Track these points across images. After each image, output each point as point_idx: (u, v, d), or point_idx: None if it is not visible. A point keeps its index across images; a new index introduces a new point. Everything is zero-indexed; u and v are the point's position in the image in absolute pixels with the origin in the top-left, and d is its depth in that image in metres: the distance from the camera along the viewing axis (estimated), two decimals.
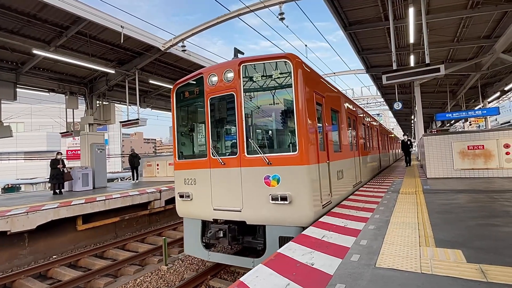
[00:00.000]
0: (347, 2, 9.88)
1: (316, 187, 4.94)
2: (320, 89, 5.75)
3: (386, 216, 4.82)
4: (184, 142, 6.47)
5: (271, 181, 4.81)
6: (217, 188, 5.44)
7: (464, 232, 3.73)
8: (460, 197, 6.14)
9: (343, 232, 4.06)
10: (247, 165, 5.09)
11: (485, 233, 3.63)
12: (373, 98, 34.11)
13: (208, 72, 5.70)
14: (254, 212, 4.98)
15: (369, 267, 2.78)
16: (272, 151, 5.07)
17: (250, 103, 5.25)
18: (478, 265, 2.66)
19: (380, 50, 13.87)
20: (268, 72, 5.09)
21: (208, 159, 5.57)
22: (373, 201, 6.26)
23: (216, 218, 5.49)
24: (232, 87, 5.31)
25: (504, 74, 17.61)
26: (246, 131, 5.16)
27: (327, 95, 6.25)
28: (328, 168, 5.68)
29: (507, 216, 4.33)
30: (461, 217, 4.47)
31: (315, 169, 4.97)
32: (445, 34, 11.99)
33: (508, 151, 9.11)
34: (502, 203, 5.32)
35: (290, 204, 4.66)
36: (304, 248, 3.46)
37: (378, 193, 7.44)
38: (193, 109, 6.35)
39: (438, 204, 5.61)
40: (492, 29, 11.57)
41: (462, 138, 9.82)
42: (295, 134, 4.77)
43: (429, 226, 4.08)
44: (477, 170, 9.48)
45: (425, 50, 8.95)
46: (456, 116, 20.89)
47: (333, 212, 5.43)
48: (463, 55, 14.39)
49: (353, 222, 4.58)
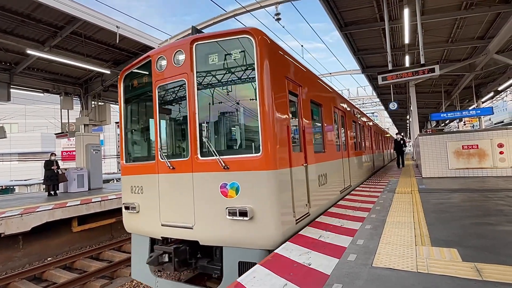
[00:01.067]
0: (342, 3, 9.93)
1: (286, 198, 3.98)
2: (295, 76, 4.82)
3: (382, 215, 4.85)
4: (133, 142, 5.47)
5: (229, 190, 3.85)
6: (165, 199, 4.42)
7: (459, 231, 3.77)
8: (455, 197, 6.20)
9: (340, 232, 4.07)
10: (200, 170, 4.10)
11: (480, 232, 3.67)
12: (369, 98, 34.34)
13: (156, 55, 4.69)
14: (208, 229, 4.01)
15: (366, 266, 2.80)
16: (232, 152, 4.13)
17: (205, 92, 4.29)
18: (474, 263, 2.68)
19: (376, 51, 13.95)
20: (228, 53, 4.11)
21: (156, 163, 4.54)
22: (370, 201, 6.29)
23: (165, 236, 4.46)
24: (183, 72, 4.32)
25: (497, 75, 17.83)
26: (200, 127, 4.18)
27: (306, 84, 5.30)
28: (305, 173, 4.74)
29: (501, 215, 4.38)
30: (456, 216, 4.51)
31: (286, 175, 4.01)
32: (439, 34, 12.10)
33: (502, 151, 9.22)
34: (496, 202, 5.37)
35: (251, 220, 3.69)
36: (301, 248, 3.47)
37: (374, 192, 7.48)
38: (143, 101, 5.22)
39: (434, 203, 5.66)
40: (486, 30, 11.71)
41: (457, 138, 9.91)
42: (259, 131, 3.82)
43: (424, 225, 4.11)
44: (471, 170, 9.58)
45: (420, 50, 9.03)
46: (451, 116, 21.08)
47: (329, 211, 5.45)
48: (457, 55, 14.53)
49: (349, 221, 4.60)
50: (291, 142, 4.27)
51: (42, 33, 10.50)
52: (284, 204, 3.90)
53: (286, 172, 4.05)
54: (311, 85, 5.70)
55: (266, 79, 3.85)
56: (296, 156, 4.49)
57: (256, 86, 3.85)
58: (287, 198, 4.01)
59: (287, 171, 4.10)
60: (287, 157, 4.14)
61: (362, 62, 15.85)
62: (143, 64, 5.01)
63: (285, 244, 3.65)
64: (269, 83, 3.86)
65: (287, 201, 4.01)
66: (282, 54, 4.52)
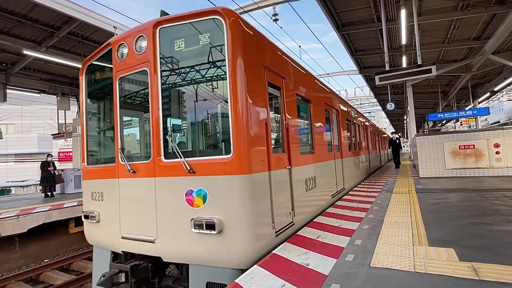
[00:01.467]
0: (340, 3, 9.96)
1: (264, 207, 3.43)
2: (278, 67, 4.28)
3: (380, 215, 4.86)
4: (95, 141, 4.87)
5: (195, 198, 3.32)
6: (126, 207, 3.86)
7: (456, 230, 3.78)
8: (452, 196, 6.23)
9: (338, 232, 4.08)
10: (164, 174, 3.56)
11: (477, 231, 3.69)
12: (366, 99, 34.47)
13: (117, 42, 4.12)
14: (172, 244, 3.45)
15: (364, 266, 2.80)
16: (199, 153, 3.64)
17: (170, 83, 3.75)
18: (470, 263, 2.70)
19: (373, 51, 14.02)
20: (196, 37, 3.52)
21: (116, 165, 3.98)
22: (367, 201, 6.30)
23: (126, 250, 3.87)
24: (145, 60, 3.78)
25: (493, 75, 17.96)
26: (163, 124, 3.64)
27: (291, 77, 4.75)
28: (289, 176, 4.23)
29: (498, 215, 4.41)
30: (453, 216, 4.54)
31: (263, 179, 3.46)
32: (436, 35, 12.18)
33: (498, 151, 9.28)
34: (492, 201, 5.41)
35: (219, 235, 3.14)
36: (299, 248, 3.47)
37: (372, 193, 7.50)
38: (106, 95, 4.54)
39: (431, 203, 5.68)
40: (482, 31, 11.79)
41: (454, 138, 9.97)
42: (229, 128, 3.25)
43: (422, 225, 4.13)
44: (468, 170, 9.63)
45: (417, 51, 9.08)
46: (448, 116, 21.21)
47: (327, 212, 5.45)
48: (454, 56, 14.62)
49: (347, 222, 4.61)
50: (270, 141, 3.76)
51: (38, 33, 10.46)
52: (260, 214, 3.34)
53: (263, 177, 3.49)
54: (298, 79, 5.12)
55: (239, 68, 3.27)
56: (277, 158, 3.96)
57: (227, 76, 3.28)
58: (265, 207, 3.46)
59: (265, 175, 3.54)
60: (265, 159, 3.58)
61: (360, 63, 15.92)
62: (105, 53, 4.39)
63: (284, 244, 3.65)
64: (243, 72, 3.29)
65: (264, 211, 3.45)
66: (260, 40, 3.91)
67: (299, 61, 5.85)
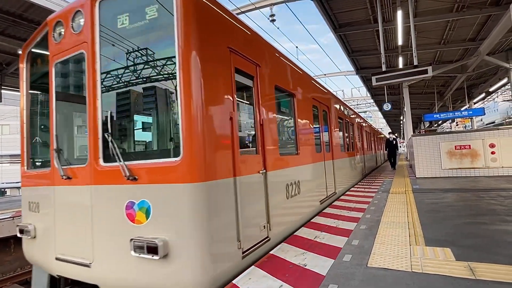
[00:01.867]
0: (337, 4, 10.00)
1: (225, 222, 2.78)
2: (250, 52, 3.57)
3: (377, 216, 4.88)
4: (35, 141, 4.08)
5: (137, 212, 2.63)
6: (61, 222, 3.14)
7: (453, 230, 3.80)
8: (448, 196, 6.27)
9: (335, 232, 4.08)
10: (102, 181, 2.88)
11: (473, 231, 3.71)
12: (363, 99, 34.63)
13: (53, 20, 3.48)
14: (110, 270, 2.76)
15: (361, 267, 2.81)
16: (145, 155, 3.01)
17: (111, 69, 3.03)
18: (467, 263, 2.71)
19: (370, 52, 14.09)
20: (143, 11, 2.84)
21: (51, 170, 3.31)
22: (364, 201, 6.32)
23: (60, 274, 3.13)
24: (82, 41, 3.09)
25: (488, 76, 18.12)
26: (103, 120, 2.93)
27: (269, 65, 4.03)
28: (264, 182, 3.56)
29: (494, 214, 4.44)
30: (449, 216, 4.56)
31: (225, 188, 2.81)
32: (432, 36, 12.26)
33: (493, 151, 9.36)
34: (488, 201, 5.45)
35: (164, 260, 2.47)
36: (297, 249, 3.47)
37: (369, 193, 7.53)
38: (46, 85, 3.59)
39: (427, 203, 5.71)
40: (477, 32, 11.89)
41: (450, 138, 10.04)
42: (178, 124, 2.58)
43: (418, 225, 4.15)
44: (464, 170, 9.70)
45: (413, 52, 9.14)
46: (444, 116, 21.37)
47: (324, 212, 5.46)
48: (449, 57, 14.74)
49: (344, 222, 4.61)
50: (237, 141, 3.04)
51: None
52: (220, 232, 2.67)
53: (225, 184, 2.81)
54: (277, 67, 4.37)
55: (193, 46, 2.61)
56: (247, 161, 3.29)
57: (176, 56, 2.59)
58: (227, 222, 2.79)
59: (228, 182, 2.86)
60: (229, 162, 2.90)
61: (356, 63, 15.99)
62: (44, 35, 3.70)
63: (281, 245, 3.65)
64: (197, 52, 2.62)
65: (226, 227, 2.78)
66: (225, 17, 3.21)
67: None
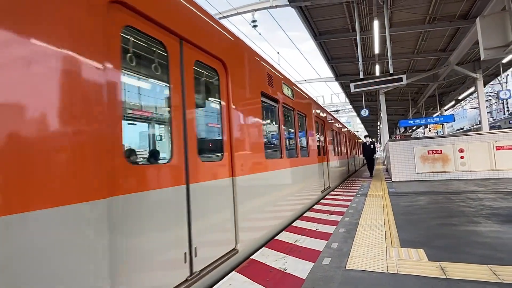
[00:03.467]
0: (317, 13, 10.26)
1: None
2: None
3: (355, 219, 5.00)
4: None
5: None
6: None
7: (426, 232, 3.97)
8: (422, 199, 6.54)
9: (315, 235, 4.14)
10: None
11: (444, 232, 3.89)
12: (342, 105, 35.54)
13: None
14: None
15: (340, 269, 2.86)
16: None
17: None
18: (438, 263, 2.84)
19: (348, 60, 14.52)
20: None
21: None
22: (344, 205, 6.46)
23: None
24: None
25: (458, 85, 19.19)
26: None
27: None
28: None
29: (463, 216, 4.68)
30: (422, 218, 4.76)
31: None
32: (406, 46, 12.85)
33: (462, 155, 9.89)
34: (458, 203, 5.73)
35: None
36: (277, 253, 3.48)
37: (347, 196, 7.70)
38: None
39: (402, 206, 5.93)
40: (447, 43, 12.59)
41: (423, 143, 10.50)
42: None
43: (394, 227, 4.29)
44: (436, 173, 10.16)
45: (389, 60, 9.53)
46: (417, 122, 22.32)
47: (305, 216, 5.53)
48: (422, 66, 15.48)
49: (324, 225, 4.69)
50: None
51: None
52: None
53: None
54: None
55: None
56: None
57: None
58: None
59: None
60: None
61: (336, 70, 16.42)
62: None
63: (262, 249, 3.65)
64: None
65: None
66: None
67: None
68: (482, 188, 7.53)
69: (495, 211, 4.83)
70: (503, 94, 17.30)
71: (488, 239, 3.45)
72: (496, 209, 5.02)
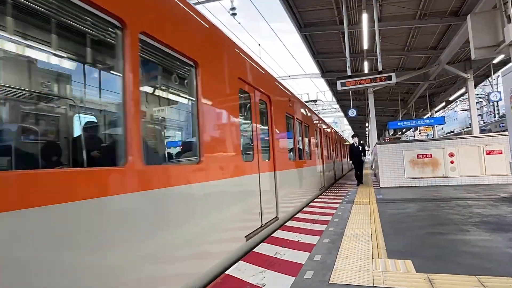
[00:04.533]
0: (302, 2, 10.42)
1: None
2: None
3: (341, 228, 5.12)
4: None
5: None
6: None
7: (414, 241, 4.14)
8: (411, 206, 6.81)
9: (297, 247, 4.19)
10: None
11: (433, 241, 4.08)
12: (329, 104, 36.29)
13: None
14: None
15: (323, 283, 2.91)
16: None
17: None
18: (426, 274, 2.96)
19: (335, 55, 14.88)
20: None
21: None
22: (328, 213, 6.60)
23: None
24: None
25: (449, 85, 20.20)
26: None
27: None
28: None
29: (452, 224, 4.93)
30: (411, 227, 4.95)
31: None
32: (396, 42, 13.36)
33: (452, 160, 10.41)
34: (447, 211, 6.02)
35: None
36: (255, 267, 3.49)
37: (332, 204, 7.87)
38: None
39: (390, 213, 6.14)
40: (438, 41, 13.23)
41: (412, 147, 10.95)
42: None
43: (381, 237, 4.43)
44: (425, 179, 10.62)
45: (378, 57, 9.86)
46: (407, 124, 23.28)
47: (286, 226, 5.59)
48: (413, 64, 16.16)
49: (307, 236, 4.76)
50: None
51: None
52: None
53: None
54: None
55: None
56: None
57: None
58: None
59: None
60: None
61: (322, 66, 16.77)
62: None
63: (238, 263, 3.64)
64: None
65: None
66: None
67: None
68: (472, 194, 7.97)
69: (484, 219, 5.13)
70: (493, 96, 18.45)
71: (477, 249, 3.64)
72: (485, 216, 5.32)
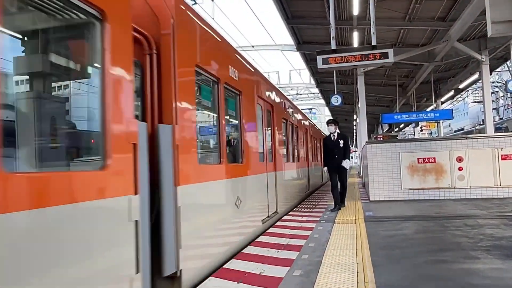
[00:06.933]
0: None
1: None
2: None
3: (317, 255, 5.23)
4: None
5: None
6: None
7: (410, 272, 4.35)
8: (408, 226, 7.16)
9: (258, 283, 4.20)
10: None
11: (434, 272, 4.32)
12: (306, 88, 36.93)
13: None
14: None
15: None
16: None
17: None
18: None
19: (316, 20, 15.10)
20: None
21: None
22: (302, 235, 6.71)
23: None
24: None
25: (459, 68, 21.49)
26: None
27: None
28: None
29: (458, 249, 5.26)
30: (407, 253, 5.20)
31: None
32: (395, 9, 13.87)
33: (461, 166, 10.98)
34: (453, 232, 6.42)
35: None
36: None
37: (307, 223, 8.04)
38: None
39: (382, 236, 6.41)
40: (448, 9, 13.94)
41: (412, 147, 11.46)
42: None
43: (370, 267, 4.60)
44: (427, 190, 11.13)
45: (372, 27, 10.16)
46: (406, 118, 24.34)
47: (244, 253, 5.59)
48: (415, 39, 16.93)
49: (272, 266, 4.80)
50: None
51: None
52: None
53: None
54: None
55: None
56: None
57: None
58: None
59: None
60: None
61: (297, 35, 16.92)
62: None
63: None
64: None
65: None
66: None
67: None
68: (483, 211, 8.56)
69: (497, 242, 5.53)
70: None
71: (488, 280, 3.91)
72: (498, 239, 5.74)
